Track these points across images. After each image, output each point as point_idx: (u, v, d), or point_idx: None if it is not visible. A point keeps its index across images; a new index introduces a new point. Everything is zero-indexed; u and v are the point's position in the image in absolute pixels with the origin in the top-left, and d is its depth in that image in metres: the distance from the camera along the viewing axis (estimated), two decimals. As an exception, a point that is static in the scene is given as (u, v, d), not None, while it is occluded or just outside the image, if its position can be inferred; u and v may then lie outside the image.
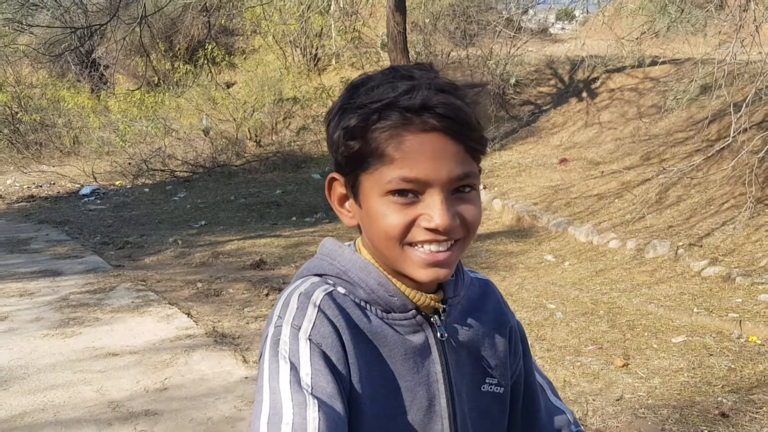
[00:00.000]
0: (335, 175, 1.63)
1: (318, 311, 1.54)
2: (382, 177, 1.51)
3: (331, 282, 1.64)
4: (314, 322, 1.52)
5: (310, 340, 1.50)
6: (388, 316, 1.63)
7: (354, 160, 1.54)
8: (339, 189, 1.64)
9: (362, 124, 1.50)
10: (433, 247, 1.53)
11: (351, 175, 1.58)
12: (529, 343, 6.17)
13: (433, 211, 1.49)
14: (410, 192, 1.50)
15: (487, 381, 1.76)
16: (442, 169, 1.49)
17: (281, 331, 1.53)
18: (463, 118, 1.49)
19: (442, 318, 1.67)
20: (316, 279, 1.64)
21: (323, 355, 1.50)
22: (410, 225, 1.52)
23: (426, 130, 1.48)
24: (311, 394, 1.44)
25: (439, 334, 1.65)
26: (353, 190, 1.60)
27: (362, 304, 1.62)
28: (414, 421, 1.62)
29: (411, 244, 1.54)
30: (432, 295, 1.66)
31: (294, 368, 1.47)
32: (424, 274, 1.55)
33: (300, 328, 1.52)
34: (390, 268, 1.62)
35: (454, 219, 1.52)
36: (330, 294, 1.58)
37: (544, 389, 1.96)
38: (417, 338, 1.64)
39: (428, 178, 1.48)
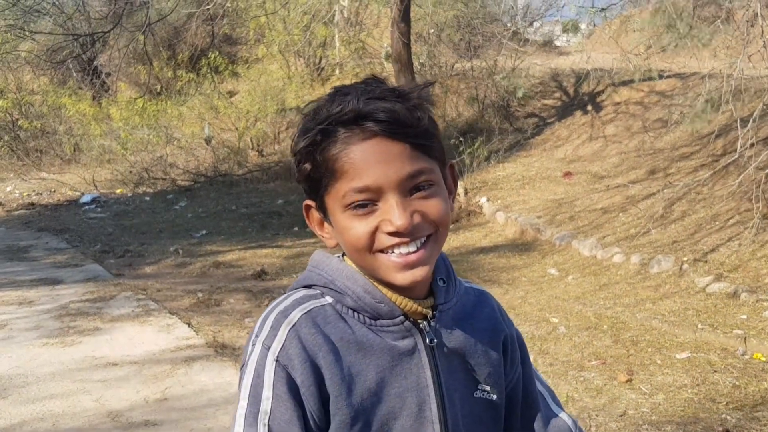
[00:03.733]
0: (308, 201, 1.71)
1: (290, 331, 1.58)
2: (338, 193, 1.58)
3: (319, 291, 1.68)
4: (284, 343, 1.57)
5: (277, 361, 1.56)
6: (376, 323, 1.65)
7: (312, 183, 1.63)
8: (315, 214, 1.71)
9: (309, 147, 1.59)
10: (402, 250, 1.58)
11: (318, 199, 1.65)
12: (532, 357, 6.11)
13: (390, 214, 1.55)
14: (367, 201, 1.55)
15: (479, 387, 1.77)
16: (390, 171, 1.54)
17: (253, 351, 1.60)
18: (397, 118, 1.54)
19: (431, 324, 1.69)
20: (302, 293, 1.69)
21: (288, 378, 1.55)
22: (374, 233, 1.57)
23: (367, 138, 1.54)
24: (266, 424, 1.52)
25: (428, 340, 1.68)
26: (323, 212, 1.68)
27: (349, 313, 1.65)
28: (404, 428, 1.64)
29: (381, 251, 1.58)
30: (421, 301, 1.68)
31: (255, 394, 1.55)
32: (401, 278, 1.59)
33: (270, 348, 1.57)
34: (376, 279, 1.65)
35: (413, 218, 1.56)
36: (309, 312, 1.62)
37: (545, 397, 1.95)
38: (405, 344, 1.66)
39: (378, 183, 1.54)
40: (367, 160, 1.53)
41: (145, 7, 16.86)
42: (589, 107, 18.04)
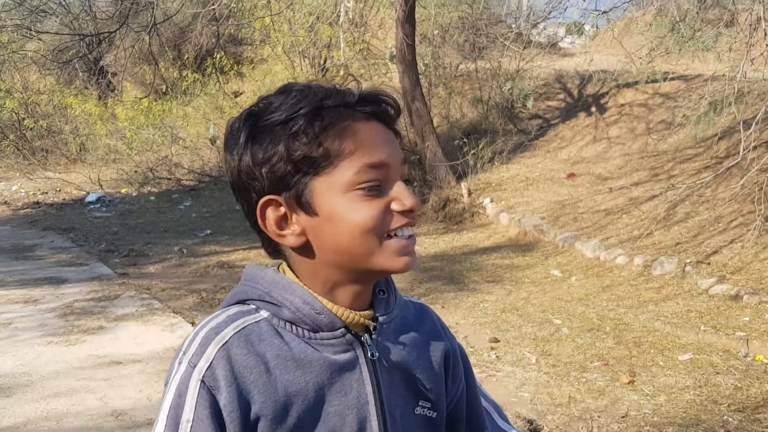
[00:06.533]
0: (269, 198, 1.56)
1: (220, 350, 1.49)
2: (343, 173, 1.50)
3: (254, 306, 1.59)
4: (211, 362, 1.48)
5: (202, 381, 1.47)
6: (316, 336, 1.57)
7: (300, 167, 1.51)
8: (273, 213, 1.57)
9: (308, 127, 1.49)
10: (406, 232, 1.55)
11: (293, 189, 1.53)
12: (534, 358, 6.09)
13: (401, 194, 1.53)
14: (376, 182, 1.51)
15: (420, 404, 1.70)
16: (395, 151, 1.56)
17: (178, 369, 1.51)
18: (392, 105, 1.59)
19: (373, 336, 1.62)
20: (235, 309, 1.60)
21: (212, 401, 1.46)
22: (384, 213, 1.52)
23: (368, 119, 1.54)
24: None
25: (369, 354, 1.60)
26: (299, 203, 1.54)
27: (285, 327, 1.56)
28: None
29: (389, 235, 1.53)
30: (362, 313, 1.61)
31: (175, 416, 1.47)
32: (401, 263, 1.55)
33: (195, 366, 1.48)
34: (330, 283, 1.59)
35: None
36: (242, 331, 1.54)
37: (491, 413, 1.91)
38: (346, 358, 1.58)
39: (389, 161, 1.54)
40: (375, 138, 1.54)
41: (151, 8, 16.89)
42: (593, 109, 18.00)
